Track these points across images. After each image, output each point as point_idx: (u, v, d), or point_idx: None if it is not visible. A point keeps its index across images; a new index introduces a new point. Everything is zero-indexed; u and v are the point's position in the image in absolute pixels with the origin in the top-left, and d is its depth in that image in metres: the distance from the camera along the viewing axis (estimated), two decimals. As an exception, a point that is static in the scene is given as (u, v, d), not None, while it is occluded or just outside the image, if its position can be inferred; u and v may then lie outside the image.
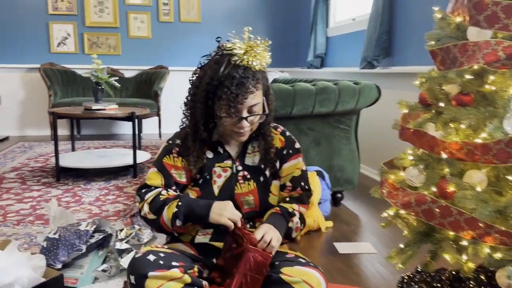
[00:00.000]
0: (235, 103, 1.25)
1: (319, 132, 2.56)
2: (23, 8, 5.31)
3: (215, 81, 1.27)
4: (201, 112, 1.32)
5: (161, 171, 1.41)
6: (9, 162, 3.83)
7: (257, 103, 1.30)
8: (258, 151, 1.45)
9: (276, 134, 1.48)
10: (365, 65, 3.62)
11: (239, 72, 1.25)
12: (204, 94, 1.30)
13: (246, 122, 1.31)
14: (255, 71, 1.29)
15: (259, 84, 1.30)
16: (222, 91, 1.25)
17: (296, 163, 1.48)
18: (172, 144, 1.43)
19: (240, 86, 1.24)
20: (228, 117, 1.28)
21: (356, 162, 2.66)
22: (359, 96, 2.48)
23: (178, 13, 5.73)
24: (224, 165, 1.43)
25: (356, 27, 4.12)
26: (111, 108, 3.43)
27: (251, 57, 1.28)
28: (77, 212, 2.56)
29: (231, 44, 1.30)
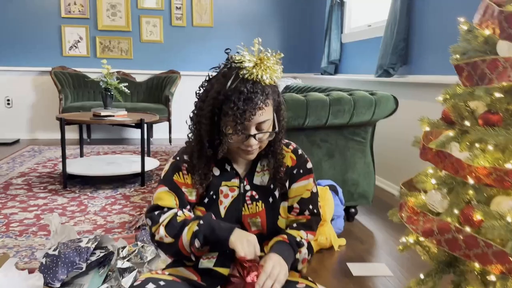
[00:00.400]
0: (242, 120, 1.16)
1: (333, 144, 2.45)
2: (36, 11, 5.30)
3: (221, 95, 1.18)
4: (207, 128, 1.24)
5: (173, 190, 1.31)
6: (18, 166, 3.79)
7: (266, 120, 1.21)
8: (267, 170, 1.35)
9: (288, 152, 1.38)
10: (381, 73, 3.51)
11: (247, 87, 1.16)
12: (210, 109, 1.21)
13: (254, 140, 1.22)
14: (265, 86, 1.20)
15: (269, 99, 1.20)
16: (229, 106, 1.16)
17: (307, 184, 1.37)
18: (180, 160, 1.34)
19: (247, 101, 1.15)
20: (235, 134, 1.19)
21: (371, 176, 2.54)
22: (375, 107, 2.37)
23: (191, 17, 5.67)
24: (231, 184, 1.34)
25: (372, 33, 4.01)
26: (120, 114, 3.37)
27: (260, 70, 1.18)
28: (82, 223, 2.49)
29: (240, 57, 1.21)
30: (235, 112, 1.16)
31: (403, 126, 3.19)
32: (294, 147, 1.40)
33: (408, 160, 3.14)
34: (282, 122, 1.32)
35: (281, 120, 1.31)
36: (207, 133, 1.25)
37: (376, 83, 3.66)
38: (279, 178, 1.34)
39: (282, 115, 1.32)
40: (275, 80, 1.23)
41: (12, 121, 5.38)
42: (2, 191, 3.06)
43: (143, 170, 3.21)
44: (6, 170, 3.66)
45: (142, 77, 5.60)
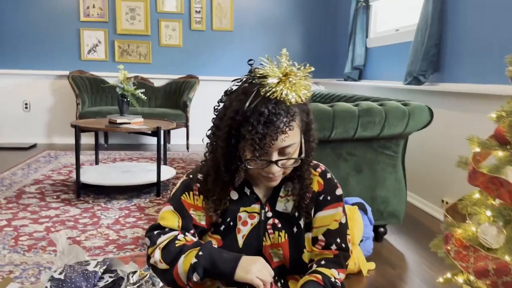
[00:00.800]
0: (261, 145, 1.00)
1: (361, 158, 2.27)
2: (55, 14, 5.25)
3: (239, 116, 1.02)
4: (223, 152, 1.08)
5: (178, 210, 1.16)
6: (32, 173, 3.71)
7: (290, 144, 1.04)
8: (292, 195, 1.19)
9: (315, 176, 1.21)
10: (411, 80, 3.31)
11: (268, 107, 0.99)
12: (226, 130, 1.05)
13: (275, 167, 1.06)
14: (290, 106, 1.03)
15: (295, 121, 1.04)
16: (246, 129, 1.00)
17: (335, 213, 1.20)
18: (193, 180, 1.19)
19: (268, 124, 0.99)
20: (253, 160, 1.03)
21: (402, 193, 2.35)
22: (408, 119, 2.18)
23: (211, 21, 5.55)
24: (251, 210, 1.18)
25: (400, 38, 3.81)
26: (136, 122, 3.25)
27: (285, 88, 1.02)
28: (93, 237, 2.37)
29: (263, 70, 1.05)
30: (254, 136, 0.99)
31: (434, 138, 2.98)
32: (323, 169, 1.23)
33: (441, 174, 2.93)
34: (311, 144, 1.15)
35: (310, 142, 1.15)
36: (223, 156, 1.09)
37: (404, 91, 3.46)
38: (305, 205, 1.18)
39: (312, 135, 1.15)
40: (302, 99, 1.06)
41: (30, 125, 5.34)
42: (14, 200, 2.96)
43: (159, 181, 3.08)
44: (20, 177, 3.58)
45: (160, 82, 5.50)
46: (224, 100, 1.11)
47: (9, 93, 5.27)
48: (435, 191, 2.98)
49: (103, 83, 5.12)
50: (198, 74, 5.49)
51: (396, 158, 2.33)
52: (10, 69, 5.21)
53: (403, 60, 3.65)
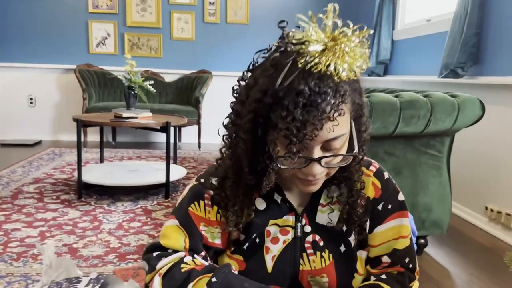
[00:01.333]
0: (300, 137, 0.70)
1: (401, 158, 1.96)
2: (63, 5, 5.00)
3: (268, 97, 0.72)
4: (246, 146, 0.78)
5: (184, 225, 0.88)
6: (33, 171, 3.45)
7: (339, 136, 0.74)
8: (338, 202, 0.89)
9: (368, 177, 0.90)
10: (447, 73, 2.98)
11: (310, 85, 0.69)
12: (250, 117, 0.75)
13: (318, 167, 0.75)
14: (340, 83, 0.71)
15: (346, 104, 0.73)
16: (279, 115, 0.70)
17: (399, 226, 0.90)
18: (205, 185, 0.89)
19: (310, 108, 0.69)
20: (288, 158, 0.73)
21: (447, 199, 2.03)
22: (458, 112, 1.87)
23: (225, 13, 5.26)
24: (284, 222, 0.88)
25: (432, 29, 3.48)
26: (144, 116, 2.97)
27: (334, 57, 0.70)
28: (92, 244, 2.09)
29: (302, 34, 0.73)
30: (289, 124, 0.69)
31: (474, 136, 2.65)
32: (377, 168, 0.92)
33: (483, 177, 2.60)
34: (363, 135, 0.84)
35: (362, 132, 0.84)
36: (246, 153, 0.78)
37: (439, 85, 3.13)
38: (357, 216, 0.88)
39: (364, 124, 0.84)
40: (357, 74, 0.75)
41: (35, 121, 5.10)
42: (9, 201, 2.70)
43: (168, 181, 2.79)
44: (20, 175, 3.32)
45: (171, 77, 5.23)
46: (247, 78, 0.80)
47: (14, 87, 5.04)
48: (477, 196, 2.65)
49: (106, 75, 4.86)
50: (211, 69, 5.20)
51: (441, 159, 2.01)
52: (15, 63, 4.97)
53: (435, 52, 3.32)
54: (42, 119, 5.12)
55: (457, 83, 2.93)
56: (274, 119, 0.71)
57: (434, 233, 2.06)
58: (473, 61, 2.89)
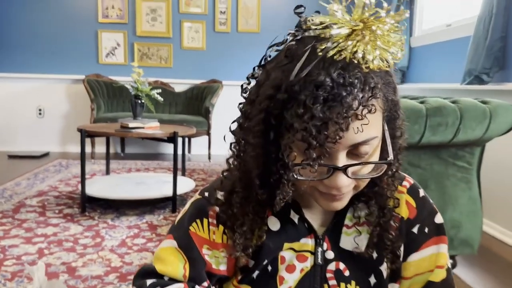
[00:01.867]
0: (320, 140, 0.56)
1: (427, 170, 1.79)
2: (72, 15, 4.95)
3: (282, 92, 0.58)
4: (255, 153, 0.64)
5: (184, 248, 0.73)
6: (38, 184, 3.34)
7: (369, 140, 0.59)
8: (366, 223, 0.74)
9: (401, 193, 0.75)
10: (471, 80, 2.81)
11: (332, 75, 0.55)
12: (261, 117, 0.61)
13: (344, 178, 0.60)
14: (369, 74, 0.57)
15: (377, 99, 0.59)
16: (295, 113, 0.56)
17: (435, 255, 0.74)
18: (209, 200, 0.74)
19: (332, 103, 0.55)
20: (307, 166, 0.58)
21: (478, 215, 1.85)
22: (490, 120, 1.70)
23: (236, 22, 5.16)
24: (301, 247, 0.73)
25: (453, 34, 3.32)
26: (151, 126, 2.85)
27: (363, 43, 0.56)
28: (92, 262, 1.95)
29: (322, 17, 0.59)
30: (307, 124, 0.55)
31: (508, 146, 2.47)
32: (411, 184, 0.77)
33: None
34: (398, 142, 0.69)
35: (397, 137, 0.69)
36: (256, 161, 0.64)
37: (463, 92, 2.95)
38: (389, 240, 0.72)
39: (400, 128, 0.68)
40: (390, 63, 0.60)
41: (43, 132, 5.02)
42: (10, 214, 2.58)
43: (175, 194, 2.65)
44: (23, 188, 3.21)
45: (181, 87, 5.12)
46: (257, 74, 0.66)
47: (23, 98, 4.98)
48: (509, 212, 2.46)
49: (120, 88, 4.76)
50: (221, 78, 5.08)
51: (471, 171, 1.83)
52: (24, 73, 4.91)
53: (457, 58, 3.16)
54: (51, 130, 5.04)
55: (482, 90, 2.76)
56: (289, 118, 0.57)
57: (464, 252, 1.88)
58: (499, 67, 2.72)
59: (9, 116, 4.96)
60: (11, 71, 4.89)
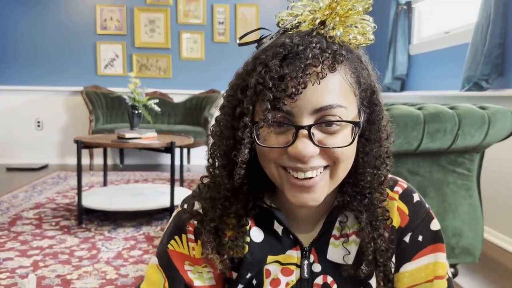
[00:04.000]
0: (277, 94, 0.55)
1: (426, 177, 1.76)
2: (71, 27, 4.96)
3: (249, 66, 0.60)
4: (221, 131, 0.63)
5: (163, 267, 0.70)
6: (35, 196, 3.31)
7: (334, 106, 0.57)
8: (354, 233, 0.70)
9: (393, 200, 0.71)
10: (470, 86, 2.79)
11: (293, 38, 0.57)
12: (229, 94, 0.62)
13: (310, 145, 0.57)
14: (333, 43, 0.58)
15: (340, 64, 0.58)
16: (255, 72, 0.57)
17: (432, 264, 0.70)
18: (186, 212, 0.71)
19: (291, 60, 0.56)
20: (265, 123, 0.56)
21: (479, 223, 1.82)
22: (488, 126, 1.67)
23: (235, 33, 5.17)
24: (286, 259, 0.70)
25: (451, 41, 3.31)
26: (148, 136, 2.82)
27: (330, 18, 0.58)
28: (87, 275, 1.91)
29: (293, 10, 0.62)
30: (264, 78, 0.55)
31: (507, 153, 2.44)
32: (405, 188, 0.73)
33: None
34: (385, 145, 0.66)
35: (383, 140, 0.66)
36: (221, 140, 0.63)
37: (462, 99, 2.93)
38: (381, 257, 0.69)
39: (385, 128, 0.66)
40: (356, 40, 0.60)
41: (42, 144, 5.00)
42: (6, 227, 2.55)
43: (172, 205, 2.62)
44: (21, 200, 3.18)
45: (180, 98, 5.12)
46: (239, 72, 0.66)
47: (22, 110, 4.97)
48: (511, 220, 2.42)
49: (119, 99, 4.75)
50: (220, 89, 5.08)
51: (471, 178, 1.80)
52: (22, 86, 4.92)
53: (456, 65, 3.15)
54: (49, 142, 5.02)
55: (481, 96, 2.74)
56: (251, 82, 0.57)
57: (465, 261, 1.84)
58: (497, 73, 2.70)
59: (7, 129, 4.96)
60: (10, 84, 4.90)
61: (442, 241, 0.72)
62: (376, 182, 0.66)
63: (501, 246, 2.41)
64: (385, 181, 0.67)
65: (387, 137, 0.66)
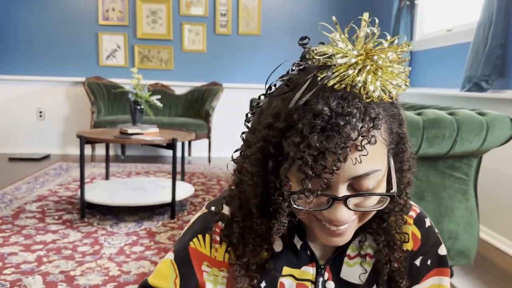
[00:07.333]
0: (317, 170, 0.55)
1: (423, 181, 1.79)
2: (72, 17, 4.95)
3: (281, 121, 0.58)
4: (253, 181, 0.63)
5: (179, 263, 0.72)
6: (38, 188, 3.35)
7: (371, 172, 0.58)
8: (369, 255, 0.73)
9: (408, 225, 0.73)
10: (470, 87, 2.81)
11: (331, 104, 0.55)
12: (260, 146, 0.60)
13: (345, 210, 0.59)
14: (370, 104, 0.57)
15: (378, 129, 0.57)
16: (292, 142, 0.56)
17: (436, 286, 0.73)
18: (215, 215, 0.73)
19: (330, 133, 0.54)
20: (303, 196, 0.57)
21: (474, 227, 1.86)
22: (487, 132, 1.70)
23: (237, 25, 5.16)
24: (301, 275, 0.72)
25: (453, 39, 3.31)
26: (150, 132, 2.85)
27: (365, 73, 0.56)
28: (90, 271, 1.95)
29: (325, 47, 0.59)
30: (304, 154, 0.55)
31: (505, 156, 2.47)
32: (418, 213, 0.75)
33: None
34: (406, 176, 0.68)
35: (404, 171, 0.68)
36: (254, 190, 0.63)
37: (462, 99, 2.95)
38: (396, 274, 0.72)
39: (408, 161, 0.68)
40: (393, 94, 0.59)
41: (44, 134, 5.03)
42: (10, 221, 2.59)
43: (174, 201, 2.66)
44: (24, 192, 3.22)
45: (182, 90, 5.13)
46: (261, 103, 0.66)
47: (24, 100, 4.99)
48: (506, 220, 2.46)
49: (112, 89, 4.75)
50: (222, 81, 5.09)
51: (468, 182, 1.84)
52: (24, 75, 4.93)
53: (457, 64, 3.16)
54: (51, 132, 5.05)
55: (481, 97, 2.76)
56: (286, 147, 0.57)
57: (460, 263, 1.88)
58: (498, 74, 2.71)
59: (9, 119, 4.98)
60: (12, 74, 4.91)
61: (447, 266, 0.74)
62: (396, 208, 0.69)
63: (497, 246, 2.46)
64: (404, 208, 0.70)
65: (409, 168, 0.68)
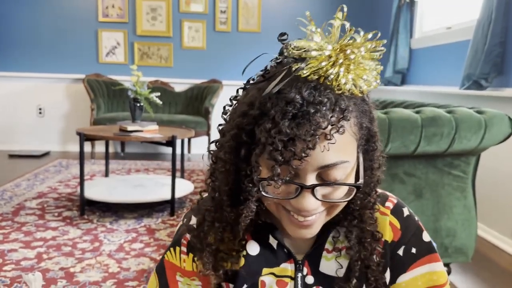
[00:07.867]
0: (287, 156, 0.56)
1: (422, 179, 1.80)
2: (72, 14, 4.95)
3: (255, 109, 0.59)
4: (226, 168, 0.64)
5: (158, 274, 0.76)
6: (38, 185, 3.36)
7: (339, 163, 0.59)
8: (347, 247, 0.74)
9: (385, 215, 0.74)
10: (470, 85, 2.81)
11: (303, 93, 0.56)
12: (233, 133, 0.62)
13: (312, 200, 0.60)
14: (341, 96, 0.58)
15: (348, 121, 0.58)
16: (264, 128, 0.57)
17: (429, 274, 0.73)
18: (185, 227, 0.76)
19: (301, 120, 0.56)
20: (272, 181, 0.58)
21: (472, 224, 1.86)
22: (485, 130, 1.70)
23: (237, 22, 5.16)
24: (281, 272, 0.74)
25: (453, 37, 3.32)
26: (150, 129, 2.86)
27: (337, 65, 0.57)
28: (90, 268, 1.96)
29: (302, 42, 0.60)
30: (274, 139, 0.56)
31: (503, 153, 2.47)
32: (395, 203, 0.76)
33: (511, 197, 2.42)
34: (376, 173, 0.69)
35: (374, 168, 0.68)
36: (226, 177, 0.65)
37: (461, 97, 2.96)
38: (370, 266, 0.73)
39: (377, 159, 0.68)
40: (363, 89, 0.60)
41: (44, 131, 5.04)
42: (10, 217, 2.60)
43: (173, 198, 2.67)
44: (23, 189, 3.23)
45: (181, 87, 5.13)
46: (239, 96, 0.68)
47: (23, 97, 4.99)
48: (504, 218, 2.47)
49: (112, 86, 4.76)
50: (222, 78, 5.09)
51: (466, 180, 1.84)
52: (24, 72, 4.93)
53: (457, 62, 3.16)
54: (51, 129, 5.05)
55: (480, 95, 2.76)
56: (258, 133, 0.58)
57: (458, 260, 1.89)
58: (497, 72, 2.72)
59: (9, 115, 4.98)
60: (12, 70, 4.91)
61: (435, 251, 0.75)
62: (366, 206, 0.70)
63: (494, 243, 2.47)
64: (374, 206, 0.71)
65: (379, 166, 0.69)
